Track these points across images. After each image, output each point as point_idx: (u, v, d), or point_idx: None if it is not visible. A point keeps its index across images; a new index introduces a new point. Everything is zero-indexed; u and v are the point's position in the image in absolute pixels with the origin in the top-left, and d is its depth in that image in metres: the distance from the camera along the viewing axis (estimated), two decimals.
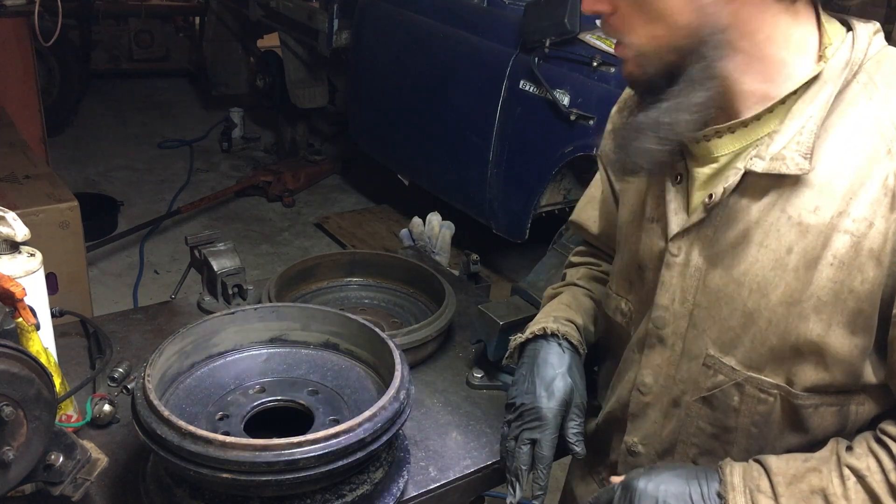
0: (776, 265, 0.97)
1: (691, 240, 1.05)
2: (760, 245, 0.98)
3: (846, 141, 0.94)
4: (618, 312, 1.22)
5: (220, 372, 1.25)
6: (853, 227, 0.92)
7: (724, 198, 1.01)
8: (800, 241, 0.95)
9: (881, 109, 0.93)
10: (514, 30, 3.56)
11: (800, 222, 0.95)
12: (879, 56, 0.96)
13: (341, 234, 4.62)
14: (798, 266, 0.95)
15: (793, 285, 0.96)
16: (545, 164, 3.41)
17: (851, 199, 0.92)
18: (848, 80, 0.95)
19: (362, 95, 4.75)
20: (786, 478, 0.95)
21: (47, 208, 2.80)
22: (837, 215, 0.93)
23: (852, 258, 0.92)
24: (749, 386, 1.02)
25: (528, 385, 1.20)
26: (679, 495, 0.98)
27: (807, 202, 0.94)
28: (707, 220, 1.03)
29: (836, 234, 0.93)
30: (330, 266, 1.74)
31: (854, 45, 0.96)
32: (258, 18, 5.50)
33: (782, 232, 0.96)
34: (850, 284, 0.93)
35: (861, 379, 0.98)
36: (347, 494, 1.09)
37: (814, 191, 0.94)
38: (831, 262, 0.93)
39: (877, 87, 0.94)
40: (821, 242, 0.93)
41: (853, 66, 0.95)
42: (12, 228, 1.16)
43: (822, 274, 0.94)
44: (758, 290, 0.99)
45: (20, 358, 0.89)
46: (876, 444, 0.94)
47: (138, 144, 5.94)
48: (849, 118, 0.94)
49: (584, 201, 1.39)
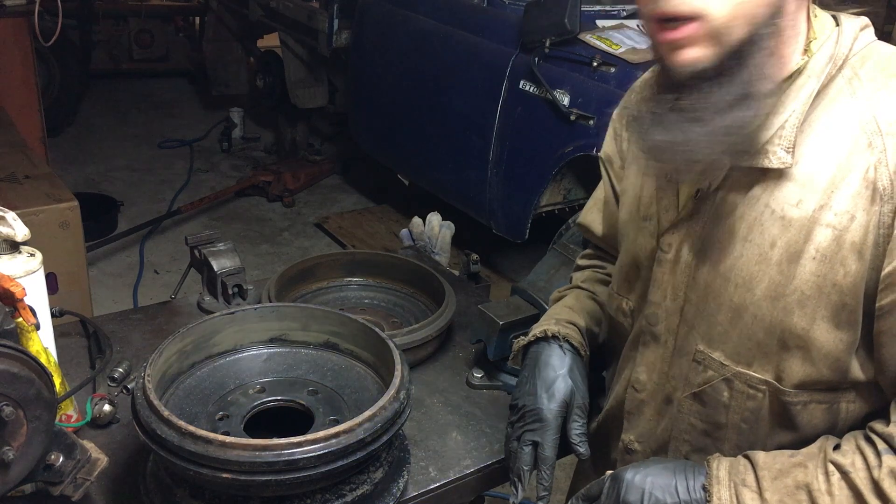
0: (760, 259, 0.98)
1: (681, 236, 1.06)
2: (745, 239, 0.99)
3: (829, 135, 0.94)
4: (619, 312, 1.22)
5: (220, 372, 1.25)
6: (835, 221, 0.92)
7: (711, 193, 1.02)
8: (783, 235, 0.96)
9: (864, 104, 0.93)
10: (514, 30, 3.56)
11: (783, 216, 0.95)
12: (866, 51, 0.97)
13: (341, 234, 4.62)
14: (781, 260, 0.96)
15: (776, 279, 0.97)
16: (545, 164, 3.41)
17: (833, 193, 0.92)
18: (832, 74, 0.95)
19: (362, 95, 4.75)
20: (771, 472, 0.96)
21: (47, 208, 2.80)
22: (819, 209, 0.93)
23: (834, 252, 0.93)
24: (738, 381, 1.03)
25: (529, 387, 1.21)
26: (665, 487, 0.99)
27: (790, 196, 0.95)
28: (695, 216, 1.05)
29: (817, 228, 0.93)
30: (330, 266, 1.73)
31: (839, 41, 0.96)
32: (258, 18, 5.49)
33: (766, 226, 0.97)
34: (832, 278, 0.93)
35: (849, 375, 0.98)
36: (347, 494, 1.09)
37: (797, 184, 0.95)
38: (814, 255, 0.94)
39: (861, 82, 0.95)
40: (803, 236, 0.94)
41: (837, 60, 0.95)
42: (12, 228, 1.16)
43: (805, 268, 0.94)
44: (743, 285, 0.99)
45: (20, 358, 0.89)
46: (864, 441, 0.95)
47: (138, 144, 5.94)
48: (832, 112, 0.95)
49: (590, 203, 1.40)
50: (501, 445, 1.33)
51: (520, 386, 1.24)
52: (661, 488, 0.99)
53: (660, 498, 0.98)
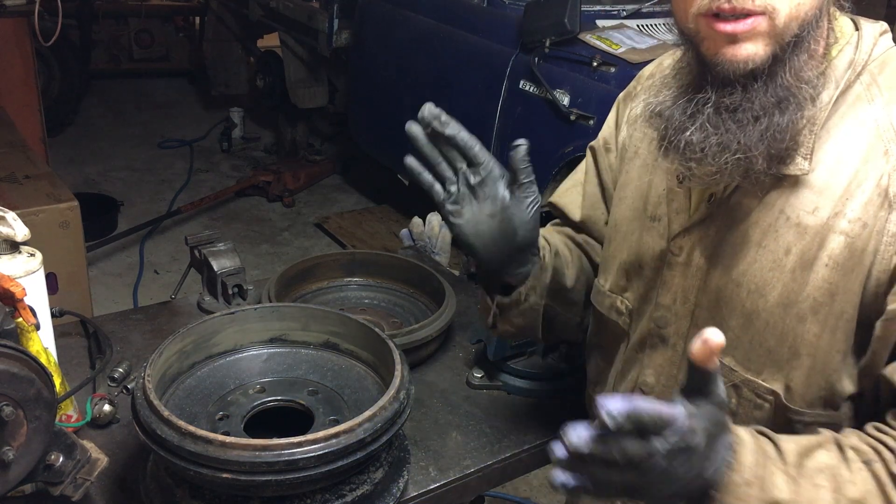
0: (774, 266, 0.97)
1: (693, 239, 1.05)
2: (759, 245, 0.98)
3: (846, 142, 0.93)
4: (613, 311, 1.20)
5: (220, 372, 1.25)
6: (848, 228, 0.92)
7: (725, 197, 1.01)
8: (798, 242, 0.95)
9: (882, 111, 0.93)
10: (514, 30, 3.56)
11: (798, 223, 0.95)
12: (885, 57, 0.96)
13: (341, 234, 4.62)
14: (795, 267, 0.95)
15: (790, 286, 0.96)
16: (545, 164, 3.40)
17: (847, 200, 0.92)
18: (850, 81, 0.94)
19: (362, 95, 4.74)
20: (792, 447, 0.89)
21: (47, 208, 2.80)
22: (834, 216, 0.92)
23: (846, 259, 0.92)
24: (746, 389, 1.02)
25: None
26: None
27: (806, 203, 0.94)
28: (708, 220, 1.03)
29: (831, 235, 0.92)
30: (330, 266, 1.73)
31: (859, 46, 0.95)
32: (258, 18, 5.49)
33: (781, 232, 0.96)
34: (844, 286, 0.93)
35: (837, 386, 0.96)
36: (347, 494, 1.09)
37: (813, 192, 0.94)
38: (826, 262, 0.93)
39: (879, 89, 0.94)
40: (817, 243, 0.93)
41: (856, 66, 0.94)
42: (12, 228, 1.16)
43: (818, 275, 0.94)
44: (756, 291, 0.98)
45: (20, 358, 0.89)
46: (877, 432, 0.90)
47: (138, 144, 5.93)
48: (850, 119, 0.94)
49: (567, 184, 1.34)
50: (502, 445, 1.33)
51: None
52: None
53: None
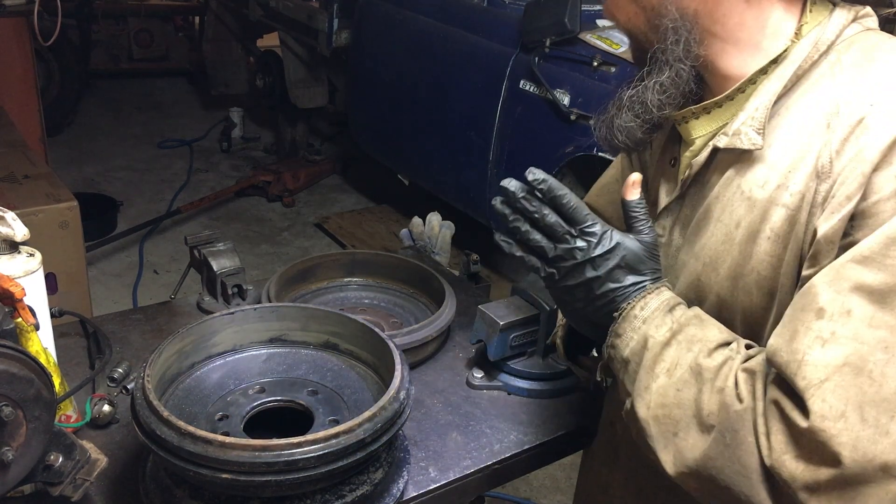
0: (726, 239, 0.99)
1: (672, 219, 1.09)
2: (717, 220, 1.01)
3: (800, 118, 0.95)
4: None
5: (219, 372, 1.25)
6: (789, 201, 0.93)
7: (699, 176, 1.03)
8: (747, 215, 0.97)
9: (841, 88, 0.93)
10: (514, 30, 3.56)
11: (749, 197, 0.97)
12: (855, 38, 0.97)
13: (341, 234, 4.62)
14: (743, 240, 0.97)
15: (737, 259, 0.98)
16: (545, 164, 3.40)
17: (791, 173, 0.93)
18: (814, 58, 0.95)
19: (362, 95, 4.75)
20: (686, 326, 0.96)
21: (47, 208, 2.80)
22: (777, 188, 0.94)
23: (787, 232, 0.93)
24: None
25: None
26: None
27: (758, 177, 0.96)
28: (684, 199, 1.06)
29: (773, 208, 0.94)
30: (330, 266, 1.73)
31: (826, 26, 0.96)
32: (258, 18, 5.50)
33: (734, 206, 0.98)
34: (785, 259, 0.94)
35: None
36: (347, 495, 1.09)
37: (766, 166, 0.96)
38: (769, 235, 0.95)
39: (842, 67, 0.95)
40: (761, 216, 0.95)
41: (821, 45, 0.95)
42: (12, 228, 1.16)
43: (761, 248, 0.95)
44: (710, 264, 1.01)
45: (20, 358, 0.89)
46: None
47: (138, 144, 5.94)
48: (809, 96, 0.95)
49: (603, 181, 1.39)
50: (502, 445, 1.33)
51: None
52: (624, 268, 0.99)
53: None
